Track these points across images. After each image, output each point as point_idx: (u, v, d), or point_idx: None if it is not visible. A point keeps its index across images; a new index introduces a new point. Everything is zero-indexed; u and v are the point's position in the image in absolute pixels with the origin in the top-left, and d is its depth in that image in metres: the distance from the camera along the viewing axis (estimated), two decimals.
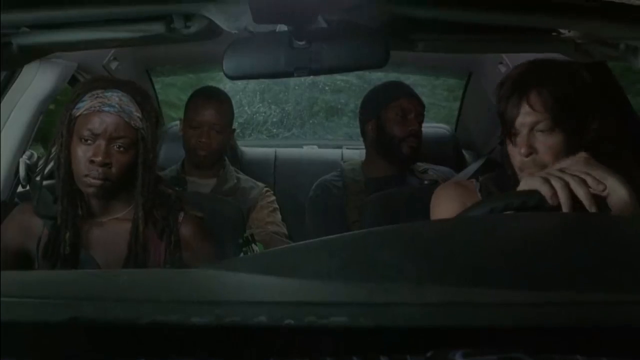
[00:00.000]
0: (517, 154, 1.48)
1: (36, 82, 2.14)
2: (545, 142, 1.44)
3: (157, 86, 3.31)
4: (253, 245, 1.77)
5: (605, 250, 0.85)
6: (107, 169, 1.56)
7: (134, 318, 0.58)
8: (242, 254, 1.74)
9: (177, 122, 2.74)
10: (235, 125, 2.60)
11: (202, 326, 0.58)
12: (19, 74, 2.13)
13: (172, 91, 4.57)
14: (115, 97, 1.56)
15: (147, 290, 0.75)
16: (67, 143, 1.59)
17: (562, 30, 1.59)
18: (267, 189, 2.54)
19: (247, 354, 0.57)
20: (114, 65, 2.57)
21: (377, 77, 3.56)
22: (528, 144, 1.45)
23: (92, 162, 1.55)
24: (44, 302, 0.64)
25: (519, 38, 1.58)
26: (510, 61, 2.48)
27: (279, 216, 2.47)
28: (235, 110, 2.60)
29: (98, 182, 1.56)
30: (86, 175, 1.56)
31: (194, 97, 2.51)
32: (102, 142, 1.55)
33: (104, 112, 1.55)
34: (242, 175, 2.57)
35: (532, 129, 1.45)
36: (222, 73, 1.49)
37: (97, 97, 1.57)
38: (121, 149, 1.56)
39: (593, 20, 1.26)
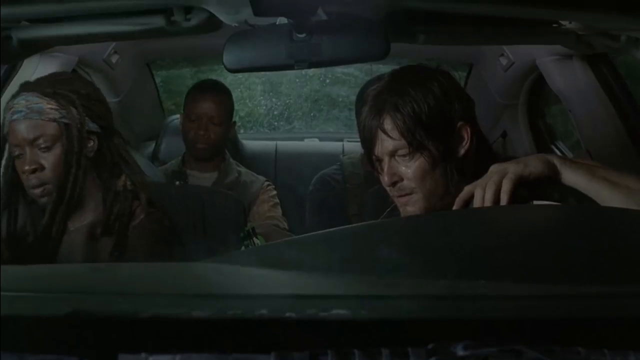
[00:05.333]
0: (383, 182, 1.41)
1: (36, 77, 2.13)
2: (408, 168, 1.36)
3: None
4: (254, 238, 1.77)
5: (605, 243, 0.85)
6: (40, 173, 1.51)
7: (135, 312, 0.59)
8: (243, 248, 1.74)
9: (178, 116, 2.74)
10: (236, 118, 2.59)
11: (204, 319, 0.58)
12: (19, 68, 2.12)
13: None
14: (21, 102, 1.51)
15: (148, 284, 0.75)
16: (8, 162, 1.55)
17: (563, 22, 1.59)
18: (268, 182, 2.54)
19: (248, 347, 0.57)
20: (114, 58, 2.56)
21: (379, 69, 3.54)
22: (391, 172, 1.37)
23: (24, 173, 1.51)
24: (45, 296, 0.64)
25: (520, 30, 1.58)
26: (511, 53, 2.48)
27: (279, 210, 2.47)
28: (236, 104, 2.59)
29: (38, 190, 1.52)
30: (28, 188, 1.53)
31: (192, 90, 2.51)
32: (25, 150, 1.51)
33: (15, 120, 1.51)
34: (243, 169, 2.57)
35: (392, 156, 1.37)
36: (222, 66, 1.49)
37: (9, 108, 1.52)
38: (45, 148, 1.51)
39: (594, 11, 1.25)
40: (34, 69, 2.13)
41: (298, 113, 5.14)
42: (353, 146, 3.11)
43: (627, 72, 2.19)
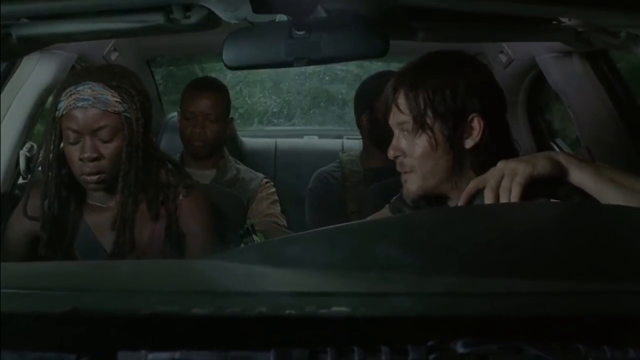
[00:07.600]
0: (389, 155, 1.46)
1: (36, 74, 2.13)
2: (411, 144, 1.40)
3: None
4: (253, 235, 1.77)
5: (606, 240, 0.85)
6: (98, 162, 1.56)
7: (135, 309, 0.58)
8: (242, 245, 1.74)
9: (176, 113, 2.74)
10: (235, 115, 2.59)
11: (203, 317, 0.58)
12: (18, 66, 2.12)
13: None
14: (87, 90, 1.54)
15: (148, 281, 0.75)
16: (56, 144, 1.59)
17: (562, 19, 1.58)
18: (267, 180, 2.54)
19: (248, 344, 0.57)
20: (114, 56, 2.56)
21: (378, 66, 3.53)
22: (396, 145, 1.43)
23: (82, 160, 1.55)
24: (45, 293, 0.64)
25: (519, 27, 1.58)
26: (511, 50, 2.47)
27: (278, 208, 2.47)
28: (236, 101, 2.59)
29: (94, 177, 1.57)
30: (82, 174, 1.57)
31: (188, 88, 2.51)
32: (86, 138, 1.55)
33: (79, 107, 1.54)
34: (242, 166, 2.57)
35: (401, 130, 1.42)
36: (222, 63, 1.49)
37: (70, 94, 1.55)
38: (106, 138, 1.56)
39: (594, 8, 1.25)
40: (33, 66, 2.13)
41: (297, 110, 5.14)
42: (352, 143, 3.11)
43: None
